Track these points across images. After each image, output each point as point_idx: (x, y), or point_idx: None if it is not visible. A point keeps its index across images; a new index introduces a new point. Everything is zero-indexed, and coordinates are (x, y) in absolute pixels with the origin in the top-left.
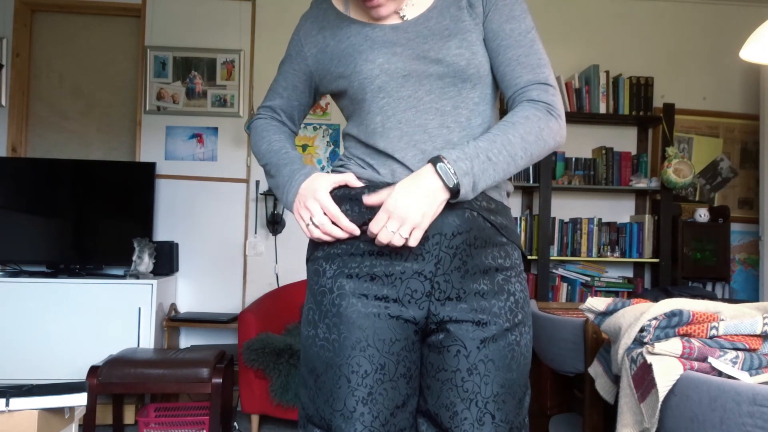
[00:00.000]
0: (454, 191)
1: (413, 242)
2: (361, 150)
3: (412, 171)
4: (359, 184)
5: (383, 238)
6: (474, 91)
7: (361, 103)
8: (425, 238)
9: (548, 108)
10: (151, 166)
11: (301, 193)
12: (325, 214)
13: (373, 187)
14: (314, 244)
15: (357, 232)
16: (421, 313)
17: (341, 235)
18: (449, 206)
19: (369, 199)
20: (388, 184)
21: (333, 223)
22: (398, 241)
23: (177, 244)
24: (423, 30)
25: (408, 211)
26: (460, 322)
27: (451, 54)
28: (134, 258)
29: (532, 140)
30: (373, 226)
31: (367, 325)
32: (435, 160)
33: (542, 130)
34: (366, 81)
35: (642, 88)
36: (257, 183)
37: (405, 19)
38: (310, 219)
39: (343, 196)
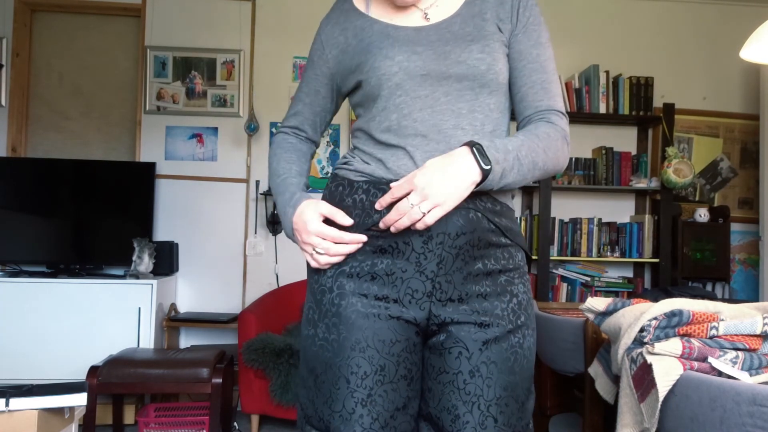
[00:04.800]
0: (485, 176)
1: (430, 219)
2: (370, 145)
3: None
4: (349, 221)
5: (402, 207)
6: (491, 98)
7: (377, 99)
8: (429, 238)
9: (564, 134)
10: (151, 166)
11: (296, 228)
12: (325, 239)
13: (374, 184)
14: None
15: (364, 239)
16: (422, 314)
17: (350, 250)
18: (455, 207)
19: (395, 184)
20: (390, 181)
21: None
22: (416, 215)
23: (177, 244)
24: (445, 33)
25: (434, 187)
26: (461, 324)
27: (472, 57)
28: (134, 258)
29: (551, 156)
30: (396, 191)
31: (366, 325)
32: (471, 143)
33: (558, 150)
34: (384, 77)
35: (642, 88)
36: (257, 183)
37: (429, 18)
38: (314, 250)
39: (345, 198)
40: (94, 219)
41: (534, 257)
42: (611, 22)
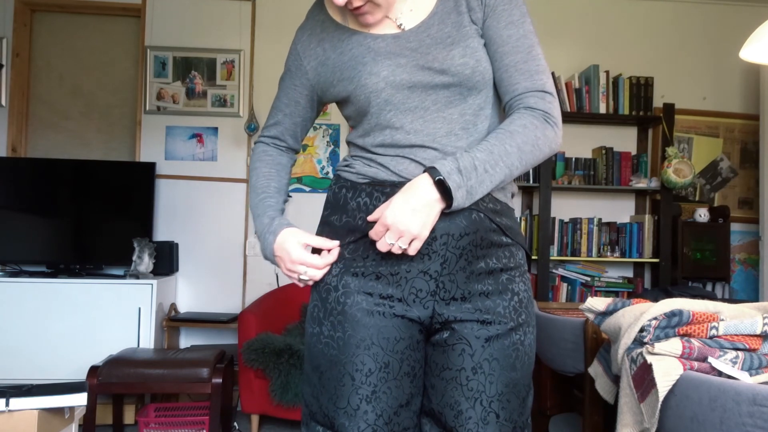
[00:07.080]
0: (449, 202)
1: (412, 251)
2: (369, 154)
3: (423, 166)
4: (334, 243)
5: (381, 247)
6: (479, 96)
7: (367, 115)
8: (433, 239)
9: (545, 116)
10: (151, 166)
11: (278, 255)
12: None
13: (376, 187)
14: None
15: (334, 258)
16: (426, 313)
17: (326, 268)
18: None
19: (371, 216)
20: (393, 183)
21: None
22: (396, 251)
23: (177, 244)
24: (425, 39)
25: (407, 223)
26: (464, 322)
27: (455, 64)
28: (134, 258)
29: (528, 149)
30: (373, 235)
31: (371, 323)
32: (432, 172)
33: (538, 138)
34: (372, 95)
35: (642, 88)
36: None
37: (403, 27)
38: (299, 278)
39: (349, 201)
40: (94, 219)
41: (534, 257)
42: (611, 22)
